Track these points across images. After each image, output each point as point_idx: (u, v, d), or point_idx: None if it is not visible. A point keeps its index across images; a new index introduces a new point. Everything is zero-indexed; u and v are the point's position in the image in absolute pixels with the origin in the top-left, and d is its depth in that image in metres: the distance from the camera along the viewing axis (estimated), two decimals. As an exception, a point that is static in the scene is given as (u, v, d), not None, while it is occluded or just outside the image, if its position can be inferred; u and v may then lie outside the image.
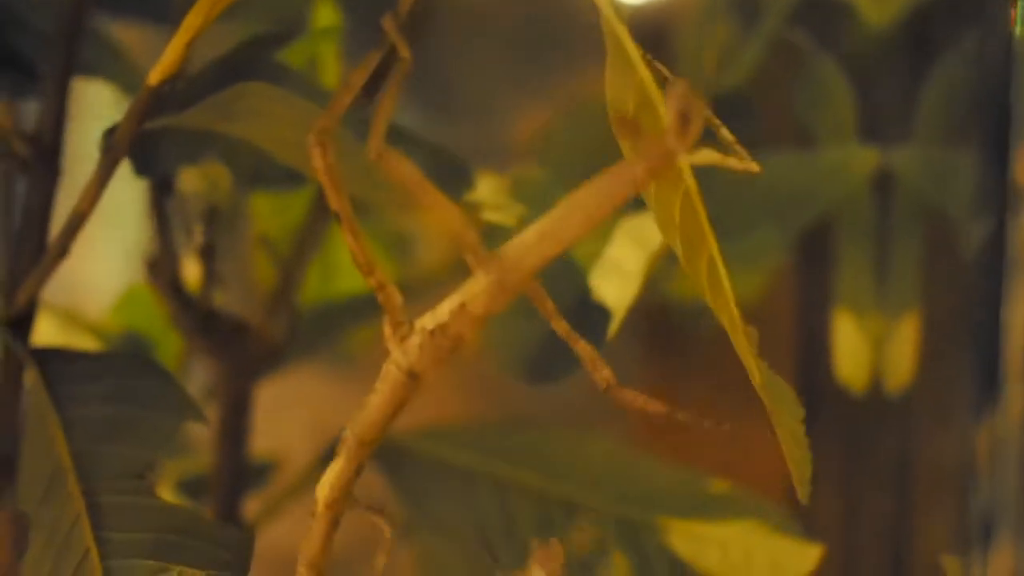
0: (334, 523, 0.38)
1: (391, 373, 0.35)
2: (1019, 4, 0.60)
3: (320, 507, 0.37)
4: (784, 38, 0.64)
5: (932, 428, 0.69)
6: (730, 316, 0.35)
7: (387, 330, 0.35)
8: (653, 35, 0.69)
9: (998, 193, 0.59)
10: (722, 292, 0.35)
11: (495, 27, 0.73)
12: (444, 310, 0.34)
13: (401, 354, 0.35)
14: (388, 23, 0.35)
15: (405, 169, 0.33)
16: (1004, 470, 0.64)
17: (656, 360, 0.75)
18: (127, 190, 0.53)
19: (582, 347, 0.36)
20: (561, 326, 0.35)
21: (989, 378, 0.63)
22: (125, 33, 0.58)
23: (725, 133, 0.36)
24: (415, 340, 0.34)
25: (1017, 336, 0.64)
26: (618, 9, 0.34)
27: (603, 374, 0.36)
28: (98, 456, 0.42)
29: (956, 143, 0.62)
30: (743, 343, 0.34)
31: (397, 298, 0.35)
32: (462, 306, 0.34)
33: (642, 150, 0.30)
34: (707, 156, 0.35)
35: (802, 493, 0.36)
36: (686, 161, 0.34)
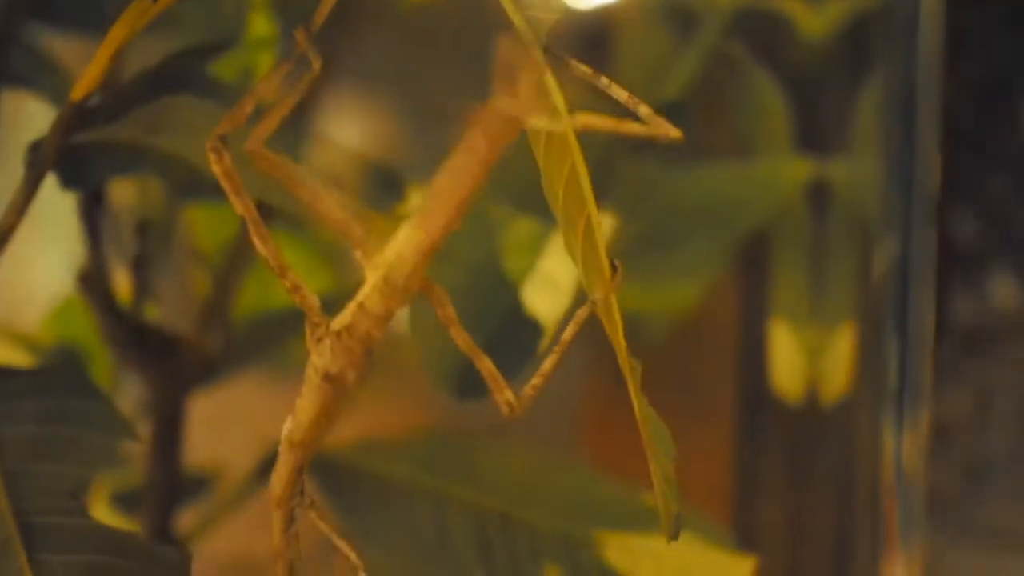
0: (288, 520, 0.38)
1: (310, 376, 0.35)
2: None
3: (272, 504, 0.38)
4: (721, 49, 0.64)
5: (867, 436, 0.69)
6: (619, 345, 0.35)
7: (307, 332, 0.35)
8: (592, 44, 0.69)
9: (911, 204, 0.59)
10: (612, 319, 0.35)
11: (440, 34, 0.73)
12: (347, 311, 0.34)
13: (317, 356, 0.35)
14: (300, 35, 0.35)
15: (282, 166, 0.33)
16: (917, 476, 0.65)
17: (601, 368, 0.75)
18: (65, 199, 0.52)
19: (485, 364, 0.36)
20: (461, 336, 0.35)
21: (910, 386, 0.64)
22: (58, 43, 0.57)
23: (644, 109, 0.35)
24: (327, 342, 0.34)
25: (926, 344, 0.65)
26: (536, 28, 0.34)
27: (506, 396, 0.35)
28: (30, 475, 0.42)
29: (890, 154, 0.62)
30: (628, 374, 0.35)
31: (313, 300, 0.35)
32: (361, 305, 0.34)
33: (476, 119, 0.30)
34: (590, 120, 0.33)
35: (667, 530, 0.36)
36: (601, 126, 0.33)
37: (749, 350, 0.68)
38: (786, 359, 0.64)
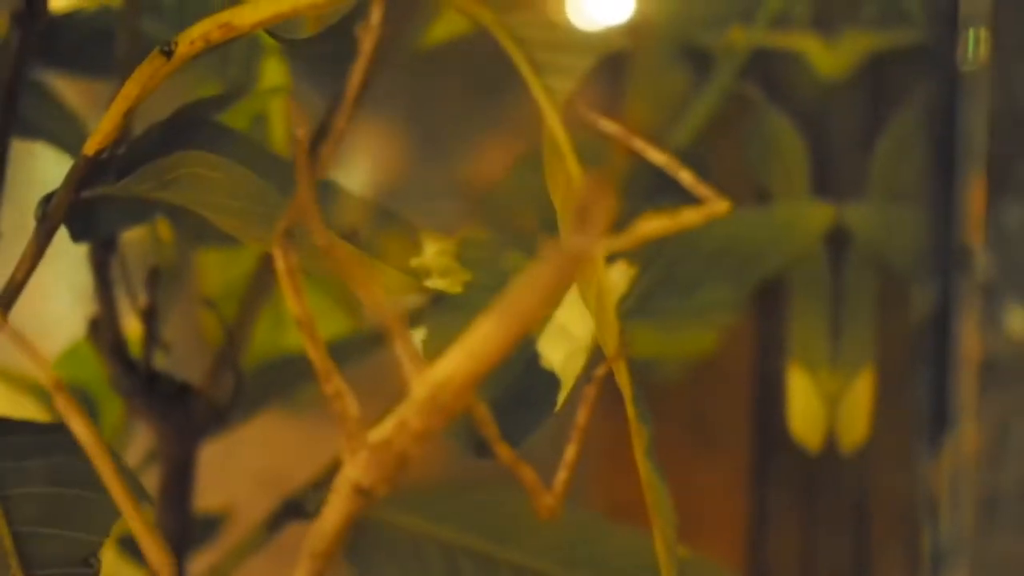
0: None
1: (342, 488, 0.34)
2: (970, 38, 0.59)
3: None
4: (737, 92, 0.63)
5: (886, 479, 0.68)
6: (630, 412, 0.34)
7: (342, 441, 0.34)
8: (606, 83, 0.68)
9: (946, 251, 0.59)
10: (624, 384, 0.35)
11: (454, 64, 0.73)
12: (387, 426, 0.33)
13: (351, 468, 0.34)
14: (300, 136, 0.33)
15: (354, 264, 0.32)
16: (950, 514, 0.64)
17: (613, 413, 0.74)
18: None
19: (526, 473, 0.35)
20: (504, 451, 0.34)
21: (938, 428, 0.63)
22: (65, 86, 0.57)
23: (685, 175, 0.34)
24: (362, 455, 0.34)
25: (968, 382, 0.64)
26: (553, 98, 0.33)
27: (545, 501, 0.35)
28: (42, 539, 0.41)
29: (909, 198, 0.62)
30: (636, 439, 0.34)
31: (354, 409, 0.34)
32: (402, 423, 0.33)
33: (547, 255, 0.29)
34: (658, 226, 0.33)
35: None
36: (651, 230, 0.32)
37: (766, 395, 0.67)
38: (804, 408, 0.64)
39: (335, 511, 0.34)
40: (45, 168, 0.61)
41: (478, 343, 0.31)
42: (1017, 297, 0.77)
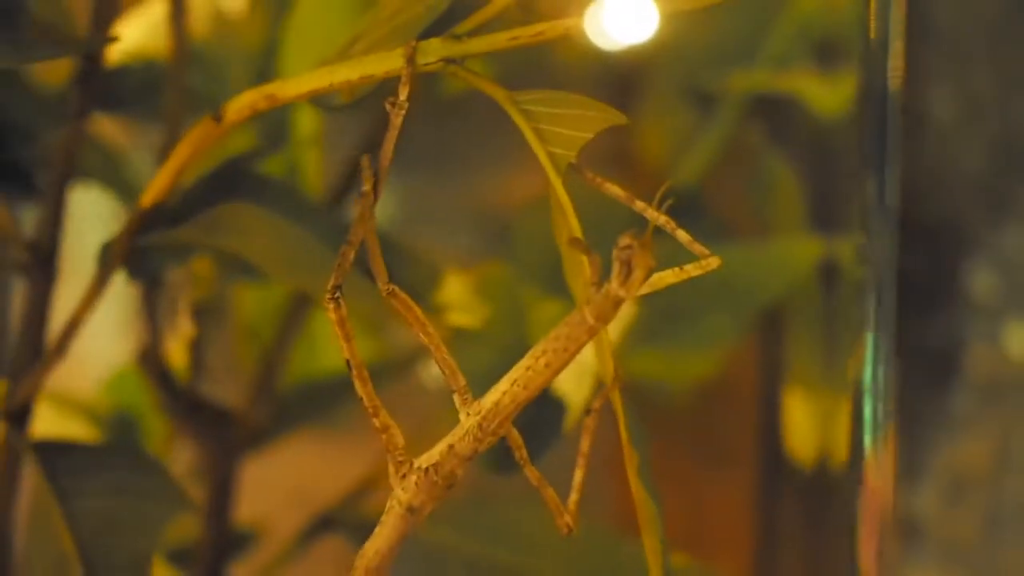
0: None
1: (393, 508, 0.39)
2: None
3: None
4: (738, 135, 0.67)
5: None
6: (623, 438, 0.39)
7: (390, 468, 0.39)
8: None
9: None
10: (617, 412, 0.39)
11: (473, 118, 0.76)
12: (436, 451, 0.38)
13: (401, 491, 0.38)
14: (366, 164, 0.38)
15: (413, 310, 0.37)
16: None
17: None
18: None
19: (550, 494, 0.39)
20: (532, 473, 0.39)
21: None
22: (110, 126, 0.61)
23: (682, 234, 0.38)
24: (412, 478, 0.38)
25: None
26: (556, 164, 0.37)
27: (565, 520, 0.39)
28: (101, 548, 0.45)
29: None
30: (628, 462, 0.39)
31: (400, 439, 0.39)
32: (451, 447, 0.38)
33: (590, 299, 0.34)
34: (667, 278, 0.38)
35: None
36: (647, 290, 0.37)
37: (770, 415, 0.71)
38: (800, 426, 0.67)
39: (389, 529, 0.39)
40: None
41: (527, 374, 0.36)
42: (1017, 316, 0.79)
